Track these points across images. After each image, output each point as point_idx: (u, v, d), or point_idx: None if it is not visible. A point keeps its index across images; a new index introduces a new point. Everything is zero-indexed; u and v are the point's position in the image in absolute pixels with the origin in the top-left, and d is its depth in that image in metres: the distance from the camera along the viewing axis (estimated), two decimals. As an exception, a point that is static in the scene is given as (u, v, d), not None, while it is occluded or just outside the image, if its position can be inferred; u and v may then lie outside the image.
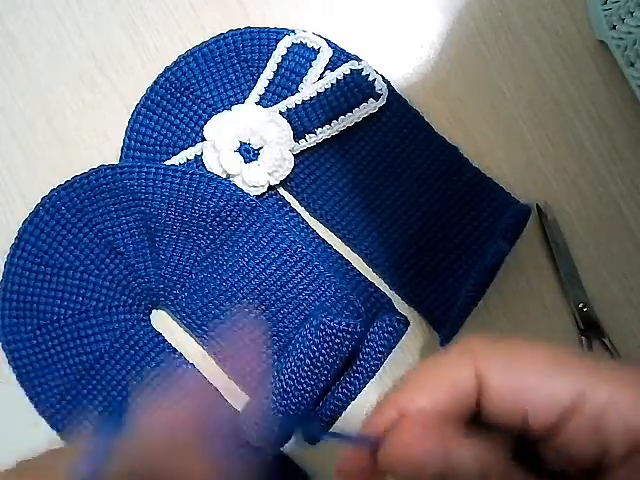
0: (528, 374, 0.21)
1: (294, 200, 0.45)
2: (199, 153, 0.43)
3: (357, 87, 0.43)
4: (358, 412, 0.42)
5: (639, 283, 0.43)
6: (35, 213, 0.42)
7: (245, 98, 0.44)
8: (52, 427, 0.41)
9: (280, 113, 0.43)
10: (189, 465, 0.26)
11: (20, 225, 0.42)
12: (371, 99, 0.43)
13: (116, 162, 0.44)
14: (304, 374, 0.39)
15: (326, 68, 0.44)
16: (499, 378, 0.21)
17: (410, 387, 0.23)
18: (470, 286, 0.40)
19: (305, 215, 0.45)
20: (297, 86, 0.44)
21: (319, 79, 0.43)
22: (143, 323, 0.43)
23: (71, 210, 0.42)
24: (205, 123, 0.43)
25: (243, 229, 0.42)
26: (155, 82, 0.44)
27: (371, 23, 0.45)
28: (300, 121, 0.43)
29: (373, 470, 0.22)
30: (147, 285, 0.43)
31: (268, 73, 0.44)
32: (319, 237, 0.44)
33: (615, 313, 0.43)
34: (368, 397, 0.42)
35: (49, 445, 0.28)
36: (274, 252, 0.42)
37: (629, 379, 0.21)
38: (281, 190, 0.45)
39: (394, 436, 0.21)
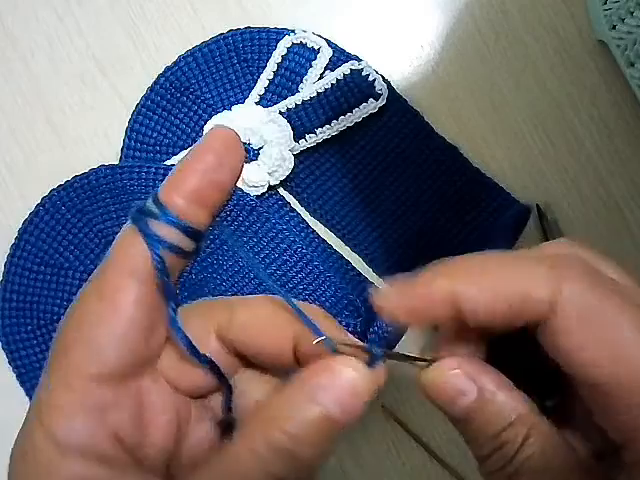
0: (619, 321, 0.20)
1: (294, 200, 0.45)
2: (199, 153, 0.43)
3: (357, 87, 0.43)
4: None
5: (639, 283, 0.43)
6: (35, 213, 0.42)
7: (245, 98, 0.44)
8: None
9: (280, 113, 0.43)
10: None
11: (20, 225, 0.42)
12: (371, 99, 0.43)
13: (116, 162, 0.44)
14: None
15: (326, 68, 0.44)
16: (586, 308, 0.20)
17: (478, 279, 0.21)
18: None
19: (305, 215, 0.45)
20: (297, 86, 0.44)
21: (319, 79, 0.43)
22: (143, 323, 0.43)
23: (71, 210, 0.42)
24: (205, 123, 0.43)
25: (243, 229, 0.42)
26: (155, 82, 0.44)
27: (371, 23, 0.45)
28: (300, 121, 0.43)
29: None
30: (147, 285, 0.43)
31: (268, 73, 0.44)
32: (319, 237, 0.44)
33: (615, 313, 0.43)
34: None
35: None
36: (274, 252, 0.42)
37: None
38: (281, 190, 0.45)
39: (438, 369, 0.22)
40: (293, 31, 0.44)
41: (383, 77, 0.44)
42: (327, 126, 0.43)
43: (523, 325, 0.21)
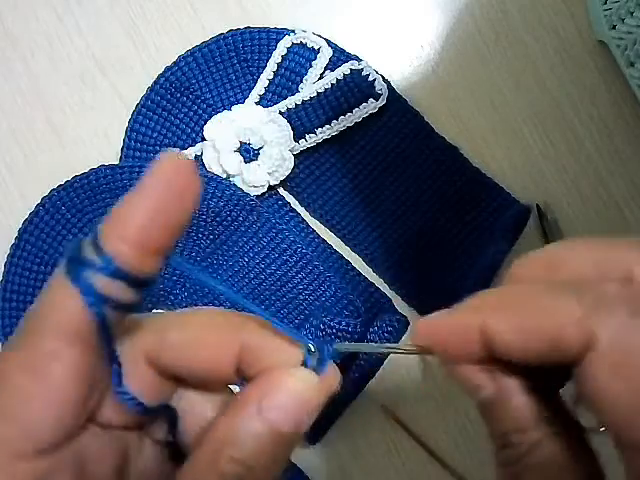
0: None
1: (294, 200, 0.45)
2: (199, 153, 0.43)
3: (357, 87, 0.43)
4: (358, 412, 0.42)
5: (639, 283, 0.43)
6: (35, 213, 0.42)
7: (245, 98, 0.44)
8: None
9: (280, 113, 0.43)
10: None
11: (20, 225, 0.42)
12: (371, 99, 0.43)
13: (116, 162, 0.44)
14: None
15: (326, 68, 0.44)
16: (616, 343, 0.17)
17: (509, 316, 0.19)
18: (470, 286, 0.40)
19: (305, 215, 0.45)
20: (297, 86, 0.44)
21: (319, 79, 0.43)
22: (143, 323, 0.43)
23: (71, 210, 0.42)
24: (205, 123, 0.43)
25: (243, 229, 0.42)
26: (155, 82, 0.44)
27: (371, 23, 0.45)
28: (300, 121, 0.43)
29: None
30: (147, 285, 0.43)
31: (268, 73, 0.44)
32: (319, 237, 0.44)
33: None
34: (368, 397, 0.42)
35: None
36: (274, 252, 0.42)
37: None
38: (281, 190, 0.45)
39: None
40: (293, 31, 0.44)
41: (383, 77, 0.44)
42: (327, 126, 0.43)
43: (556, 364, 0.19)
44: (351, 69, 0.43)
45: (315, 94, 0.43)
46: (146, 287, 0.19)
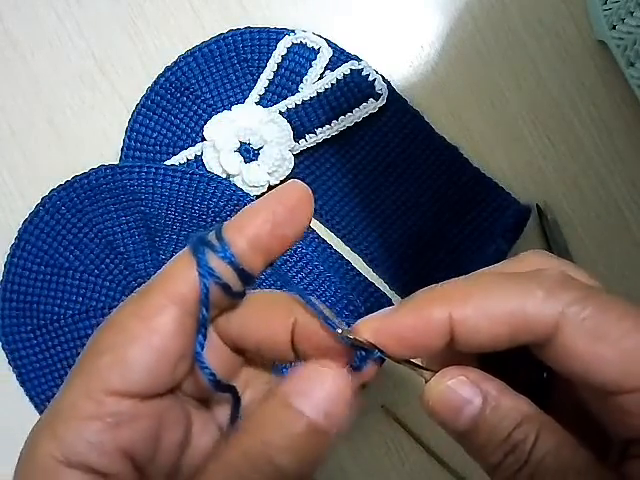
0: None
1: (294, 200, 0.45)
2: (199, 153, 0.43)
3: (357, 87, 0.43)
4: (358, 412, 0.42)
5: (639, 283, 0.43)
6: (35, 213, 0.42)
7: (245, 98, 0.44)
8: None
9: (280, 113, 0.43)
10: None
11: (20, 225, 0.42)
12: (371, 99, 0.43)
13: (116, 162, 0.44)
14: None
15: (326, 68, 0.44)
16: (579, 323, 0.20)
17: (477, 304, 0.20)
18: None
19: (305, 215, 0.45)
20: (297, 86, 0.44)
21: (319, 79, 0.43)
22: (143, 323, 0.43)
23: (71, 210, 0.42)
24: (205, 123, 0.43)
25: (243, 229, 0.42)
26: (155, 82, 0.44)
27: (371, 23, 0.45)
28: (300, 121, 0.43)
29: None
30: (147, 285, 0.43)
31: (268, 73, 0.44)
32: (319, 237, 0.44)
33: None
34: (368, 398, 0.42)
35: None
36: (274, 252, 0.42)
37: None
38: (281, 190, 0.45)
39: (437, 380, 0.21)
40: (293, 31, 0.44)
41: (383, 77, 0.44)
42: (327, 126, 0.43)
43: (516, 346, 0.21)
44: (351, 69, 0.43)
45: (315, 94, 0.43)
46: (247, 283, 0.22)
